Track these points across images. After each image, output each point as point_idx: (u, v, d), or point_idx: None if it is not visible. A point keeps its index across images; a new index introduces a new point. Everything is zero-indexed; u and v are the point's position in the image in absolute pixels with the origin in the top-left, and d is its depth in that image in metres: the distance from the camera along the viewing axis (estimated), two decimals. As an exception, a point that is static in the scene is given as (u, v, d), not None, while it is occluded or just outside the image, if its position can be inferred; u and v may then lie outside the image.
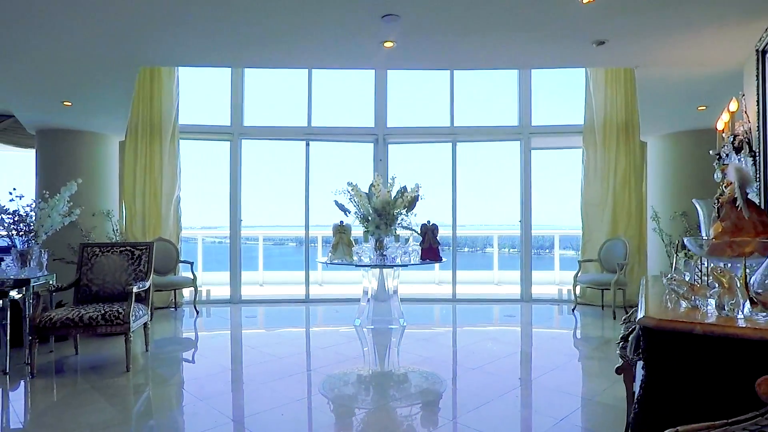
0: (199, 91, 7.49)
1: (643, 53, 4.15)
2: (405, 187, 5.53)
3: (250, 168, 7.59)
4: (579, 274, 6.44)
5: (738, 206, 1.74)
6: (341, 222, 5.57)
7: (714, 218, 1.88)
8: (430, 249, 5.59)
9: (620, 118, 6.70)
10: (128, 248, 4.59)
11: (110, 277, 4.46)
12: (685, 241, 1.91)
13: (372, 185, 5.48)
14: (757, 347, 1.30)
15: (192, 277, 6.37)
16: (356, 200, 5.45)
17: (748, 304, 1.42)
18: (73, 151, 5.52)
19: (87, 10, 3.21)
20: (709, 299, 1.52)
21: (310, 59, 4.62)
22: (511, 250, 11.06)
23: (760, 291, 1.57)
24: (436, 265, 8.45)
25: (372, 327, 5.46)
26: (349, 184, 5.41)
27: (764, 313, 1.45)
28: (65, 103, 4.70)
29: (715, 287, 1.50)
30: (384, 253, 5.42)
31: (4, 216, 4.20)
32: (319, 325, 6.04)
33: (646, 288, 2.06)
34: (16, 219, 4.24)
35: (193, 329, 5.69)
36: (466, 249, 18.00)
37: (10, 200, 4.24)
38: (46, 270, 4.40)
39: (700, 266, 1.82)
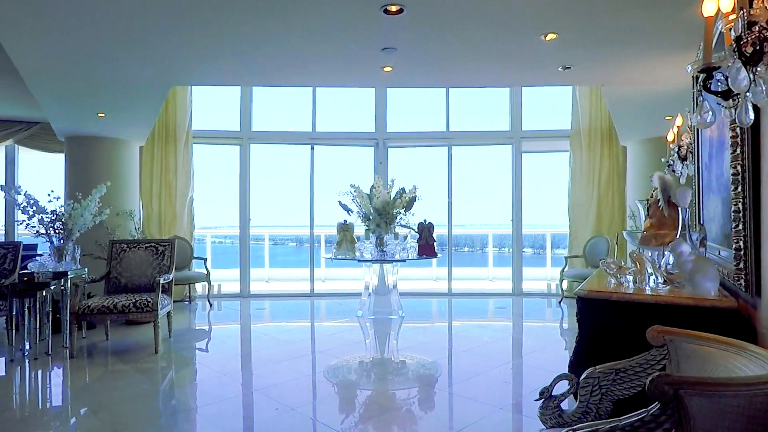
0: (211, 99, 7.96)
1: (604, 75, 4.71)
2: (403, 189, 6.00)
3: (258, 170, 8.06)
4: (566, 269, 6.91)
5: (660, 207, 2.22)
6: (345, 221, 6.05)
7: (645, 216, 2.37)
8: (427, 245, 6.07)
9: (604, 124, 7.18)
10: (153, 244, 5.08)
11: (137, 270, 4.95)
12: (624, 234, 2.39)
13: (373, 187, 5.95)
14: (653, 308, 1.78)
15: (206, 272, 6.85)
16: (358, 201, 5.92)
17: (653, 279, 1.91)
18: (99, 156, 6.00)
19: (133, 41, 3.68)
20: (628, 276, 2.00)
21: (316, 80, 5.16)
22: (510, 249, 11.53)
23: (671, 271, 2.06)
24: (434, 262, 8.97)
25: (373, 317, 5.93)
26: (352, 186, 5.88)
27: (668, 287, 1.94)
28: (99, 114, 5.19)
29: (632, 268, 1.99)
30: (384, 249, 5.88)
31: (43, 215, 4.69)
32: (324, 316, 6.52)
33: (597, 271, 2.55)
34: (53, 218, 4.73)
35: (208, 320, 6.17)
36: (466, 249, 18.49)
37: (49, 201, 4.73)
38: (79, 264, 4.88)
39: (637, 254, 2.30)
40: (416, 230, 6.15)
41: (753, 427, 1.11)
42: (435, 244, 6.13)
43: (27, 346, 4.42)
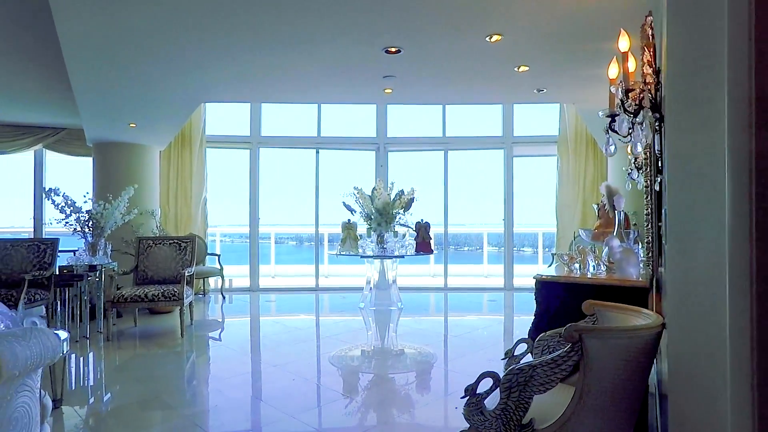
0: (223, 106, 8.49)
1: (574, 96, 5.34)
2: (402, 191, 6.54)
3: (267, 173, 8.61)
4: (552, 266, 7.46)
5: (606, 210, 2.77)
6: (349, 220, 6.60)
7: (597, 217, 2.92)
8: (423, 243, 6.61)
9: (588, 131, 7.72)
10: (176, 241, 5.63)
11: (162, 264, 5.50)
12: (580, 232, 2.94)
13: (374, 189, 6.49)
14: (590, 288, 2.34)
15: (219, 267, 7.40)
16: (361, 201, 6.46)
17: (593, 266, 2.46)
18: (124, 160, 6.56)
19: (171, 68, 4.22)
20: (575, 265, 2.56)
21: (322, 99, 5.78)
22: (502, 248, 12.07)
23: (611, 261, 2.61)
24: (431, 259, 9.53)
25: (374, 308, 6.48)
26: (355, 188, 6.43)
27: (606, 274, 2.50)
28: (131, 125, 5.74)
29: (579, 258, 2.55)
30: (384, 246, 6.43)
31: (79, 215, 5.24)
32: (328, 308, 7.07)
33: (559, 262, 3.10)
34: (88, 217, 5.28)
35: (221, 311, 6.72)
36: (466, 248, 18.99)
37: (84, 202, 5.28)
38: (109, 258, 5.43)
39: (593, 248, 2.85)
40: (414, 229, 6.69)
41: (628, 356, 1.66)
42: (431, 241, 6.68)
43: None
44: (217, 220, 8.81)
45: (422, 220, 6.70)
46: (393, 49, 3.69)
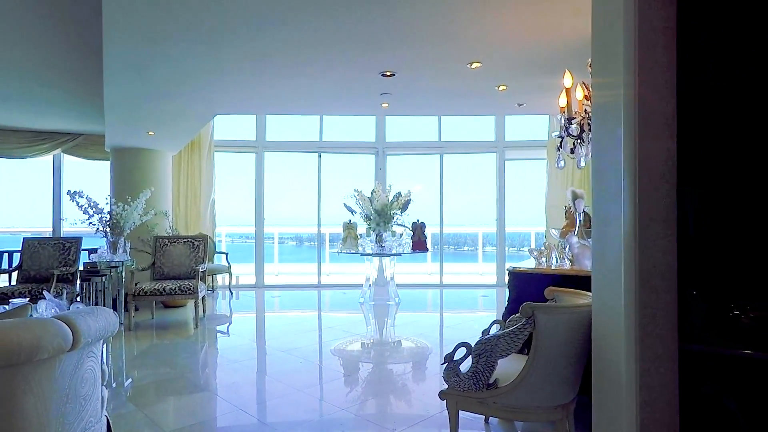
0: (229, 112, 8.95)
1: (550, 109, 5.79)
2: (400, 193, 6.99)
3: (271, 175, 9.05)
4: (541, 263, 7.91)
5: (573, 211, 3.22)
6: (349, 220, 7.06)
7: (565, 218, 3.37)
8: (419, 242, 7.07)
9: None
10: (189, 239, 6.08)
11: (177, 261, 5.95)
12: (551, 230, 3.39)
13: (373, 191, 6.94)
14: (554, 277, 2.79)
15: (227, 265, 7.85)
16: (361, 203, 6.91)
17: (556, 259, 2.92)
18: (140, 164, 7.01)
19: (191, 85, 4.66)
20: (542, 258, 3.01)
21: (324, 111, 6.30)
22: (495, 247, 12.50)
23: (571, 254, 3.07)
24: (428, 257, 9.99)
25: (373, 303, 6.94)
26: (356, 190, 6.88)
27: (569, 265, 2.95)
28: (150, 133, 6.19)
29: (545, 252, 3.00)
30: (383, 245, 6.88)
31: (101, 216, 5.69)
32: (330, 302, 7.53)
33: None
34: (109, 218, 5.73)
35: (230, 306, 7.17)
36: (466, 248, 19.40)
37: (106, 204, 5.73)
38: (128, 256, 5.88)
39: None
40: (411, 229, 7.14)
41: (570, 327, 2.12)
42: (426, 240, 7.13)
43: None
44: (223, 221, 9.26)
45: (418, 220, 7.16)
46: (388, 73, 4.17)
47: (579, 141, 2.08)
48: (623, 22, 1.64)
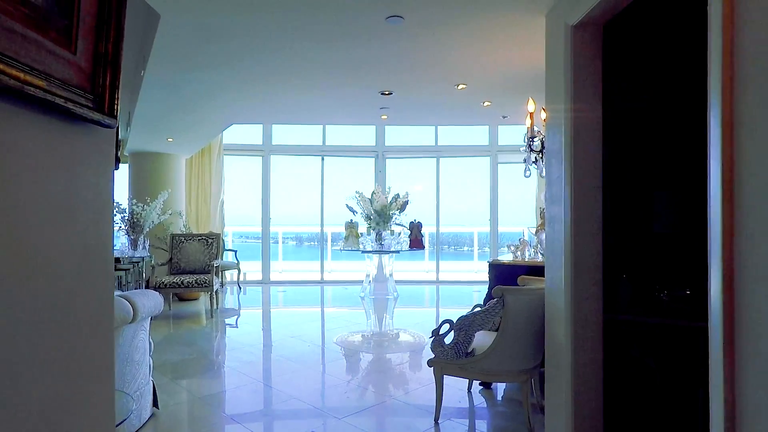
0: (237, 117, 9.46)
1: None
2: (398, 194, 7.47)
3: (277, 178, 9.56)
4: (531, 261, 8.42)
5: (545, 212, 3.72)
6: (351, 220, 7.55)
7: (541, 217, 3.87)
8: (416, 240, 7.57)
9: (565, 141, 8.68)
10: (204, 237, 6.59)
11: (192, 257, 6.46)
12: (528, 229, 3.90)
13: (374, 193, 7.43)
14: (526, 268, 3.30)
15: (236, 262, 8.35)
16: (361, 204, 7.40)
17: (530, 253, 3.42)
18: (157, 167, 7.52)
19: (210, 99, 5.18)
20: (518, 252, 3.52)
21: (326, 121, 6.79)
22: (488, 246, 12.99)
23: (542, 248, 3.57)
24: (426, 256, 10.48)
25: (373, 297, 7.44)
26: (357, 192, 7.37)
27: (541, 258, 3.46)
28: (168, 139, 6.70)
29: (520, 247, 3.51)
30: (382, 243, 7.38)
31: (123, 215, 6.19)
32: (333, 297, 8.03)
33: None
34: (131, 217, 6.23)
35: (238, 300, 7.68)
36: (465, 248, 19.85)
37: (128, 204, 6.24)
38: (148, 252, 6.39)
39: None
40: (408, 228, 7.64)
41: (531, 306, 2.62)
42: (423, 239, 7.64)
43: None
44: (231, 221, 9.76)
45: (415, 220, 7.65)
46: (386, 92, 4.71)
47: (540, 155, 2.58)
48: (563, 66, 2.15)
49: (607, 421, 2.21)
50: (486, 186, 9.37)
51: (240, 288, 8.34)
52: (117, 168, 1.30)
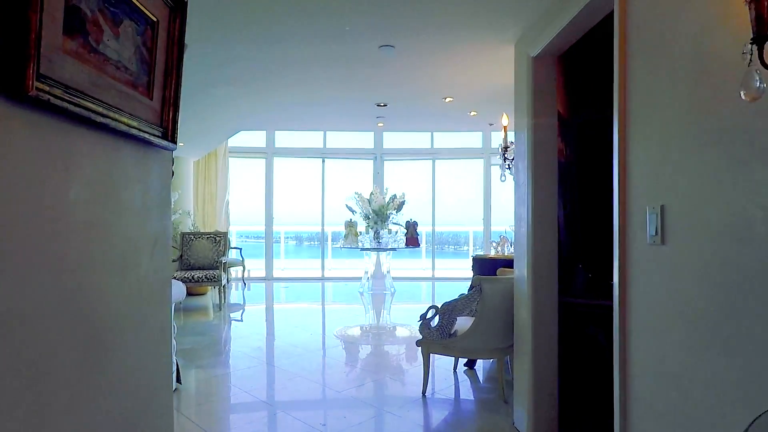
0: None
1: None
2: (395, 195, 7.89)
3: (280, 179, 9.97)
4: (522, 258, 8.81)
5: (525, 211, 4.13)
6: (350, 219, 7.97)
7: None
8: (412, 238, 7.98)
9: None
10: (212, 235, 7.00)
11: (202, 254, 6.87)
12: (508, 227, 4.31)
13: (372, 193, 7.85)
14: (505, 262, 3.71)
15: (241, 259, 8.76)
16: (360, 204, 7.82)
17: (509, 249, 3.83)
18: (166, 170, 7.94)
19: (221, 108, 5.60)
20: (499, 248, 3.92)
21: (327, 127, 7.20)
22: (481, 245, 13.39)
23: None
24: (423, 254, 10.88)
25: (371, 292, 7.85)
26: (356, 193, 7.79)
27: (517, 252, 3.87)
28: (180, 144, 7.11)
29: (501, 243, 3.91)
30: (380, 241, 7.79)
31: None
32: (333, 292, 8.44)
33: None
34: (144, 216, 6.64)
35: (247, 294, 8.09)
36: (465, 247, 20.18)
37: (141, 204, 6.64)
38: (159, 249, 6.79)
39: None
40: (404, 227, 8.05)
41: (504, 293, 3.03)
42: (419, 237, 8.04)
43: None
44: (235, 220, 10.17)
45: (411, 219, 8.06)
46: (382, 104, 5.14)
47: (509, 165, 3.00)
48: (525, 88, 2.56)
49: (563, 388, 2.62)
50: (479, 186, 9.77)
51: (245, 284, 8.74)
52: (172, 178, 1.67)
